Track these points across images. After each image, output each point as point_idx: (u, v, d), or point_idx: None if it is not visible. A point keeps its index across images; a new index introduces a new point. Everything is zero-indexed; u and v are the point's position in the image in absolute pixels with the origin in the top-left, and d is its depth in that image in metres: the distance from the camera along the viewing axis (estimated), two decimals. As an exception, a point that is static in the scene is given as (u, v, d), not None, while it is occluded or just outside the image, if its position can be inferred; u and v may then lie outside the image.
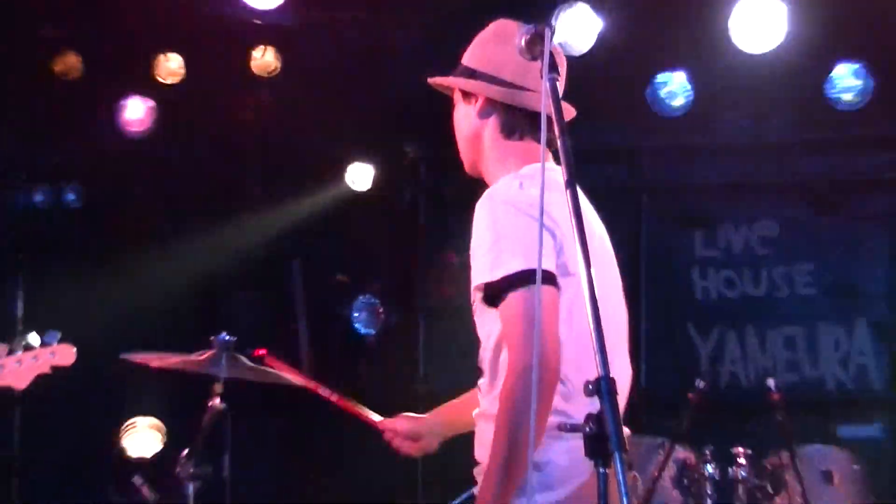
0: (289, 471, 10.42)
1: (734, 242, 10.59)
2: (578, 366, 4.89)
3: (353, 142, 10.44)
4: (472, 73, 5.31)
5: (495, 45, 5.32)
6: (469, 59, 5.38)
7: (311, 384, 6.78)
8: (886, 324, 10.33)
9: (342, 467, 10.32)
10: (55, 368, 7.53)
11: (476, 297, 5.01)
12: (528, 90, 5.17)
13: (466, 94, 5.32)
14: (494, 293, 4.75)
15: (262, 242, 10.68)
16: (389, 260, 10.86)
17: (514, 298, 4.77)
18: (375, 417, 6.01)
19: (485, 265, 4.83)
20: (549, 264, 4.64)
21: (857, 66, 9.26)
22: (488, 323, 5.01)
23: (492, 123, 5.25)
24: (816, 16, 8.79)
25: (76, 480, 10.67)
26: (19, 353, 7.35)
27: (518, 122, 5.22)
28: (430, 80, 5.47)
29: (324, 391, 6.57)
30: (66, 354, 7.47)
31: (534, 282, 4.64)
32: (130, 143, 10.22)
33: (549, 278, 4.66)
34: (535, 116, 5.08)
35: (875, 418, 10.31)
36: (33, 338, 7.63)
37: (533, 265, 4.56)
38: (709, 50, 9.09)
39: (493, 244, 4.86)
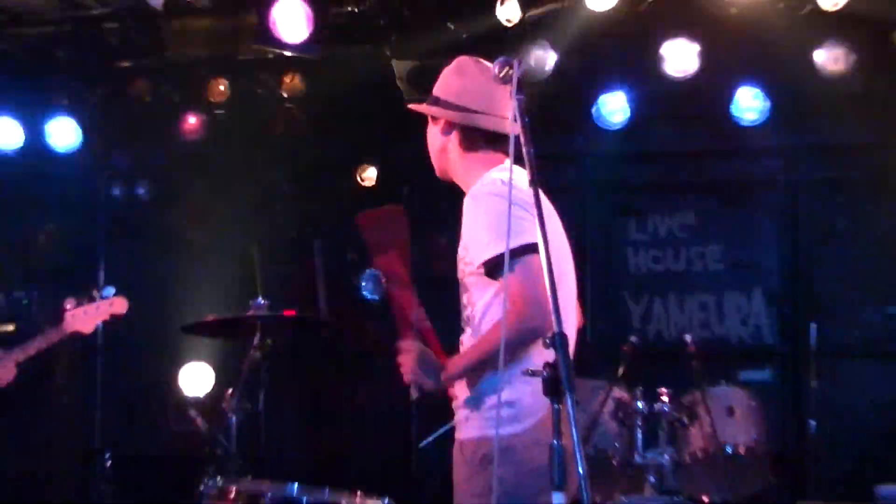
0: (312, 409, 10.45)
1: (660, 228, 10.61)
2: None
3: (362, 148, 10.44)
4: (437, 101, 5.35)
5: (455, 78, 5.47)
6: (436, 89, 5.48)
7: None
8: (776, 292, 10.39)
9: (358, 405, 10.40)
10: (113, 316, 7.64)
11: (469, 272, 5.13)
12: (484, 113, 5.23)
13: (434, 117, 5.40)
14: (495, 266, 4.87)
15: (291, 227, 10.70)
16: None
17: (515, 268, 4.91)
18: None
19: (484, 244, 4.97)
20: (534, 239, 4.69)
21: (756, 90, 9.28)
22: (480, 290, 5.14)
23: (454, 140, 5.38)
24: (725, 50, 8.82)
25: (146, 414, 10.69)
26: (84, 305, 7.44)
27: (474, 138, 5.31)
28: (409, 106, 5.58)
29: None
30: (120, 304, 7.62)
31: (532, 252, 4.87)
32: (187, 149, 10.23)
33: (536, 248, 4.69)
34: (492, 134, 5.18)
35: (766, 365, 10.38)
36: (94, 292, 7.71)
37: (528, 240, 4.85)
38: (643, 76, 9.08)
39: (490, 227, 4.93)
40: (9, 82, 10.10)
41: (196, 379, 10.44)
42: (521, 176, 4.67)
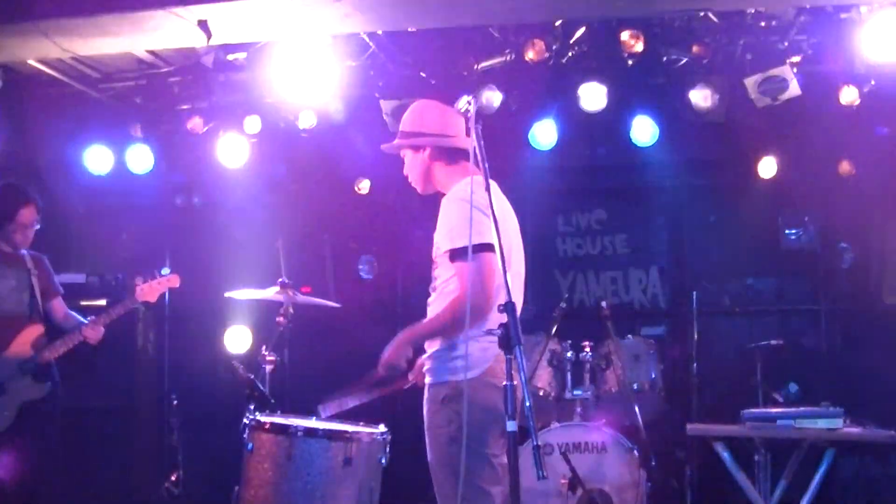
0: (324, 360, 10.37)
1: (581, 222, 10.59)
2: (497, 297, 4.95)
3: (359, 165, 10.38)
4: (415, 134, 5.33)
5: (424, 114, 5.54)
6: (407, 126, 5.57)
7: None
8: (667, 268, 10.45)
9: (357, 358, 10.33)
10: (170, 288, 7.63)
11: (440, 254, 5.15)
12: (451, 136, 5.23)
13: (417, 148, 5.40)
14: (453, 256, 4.79)
15: (307, 225, 10.65)
16: (380, 234, 10.82)
17: (464, 261, 5.01)
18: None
19: (448, 238, 5.03)
20: (491, 239, 4.70)
21: (649, 118, 9.24)
22: (445, 268, 5.16)
23: (438, 161, 5.38)
24: (624, 90, 8.79)
25: (199, 364, 10.62)
26: (149, 280, 7.41)
27: (454, 154, 5.27)
28: (384, 147, 5.60)
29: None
30: (175, 280, 7.67)
31: (485, 250, 4.98)
32: (230, 169, 10.15)
33: (491, 247, 4.75)
34: (459, 149, 5.15)
35: (661, 323, 10.38)
36: (156, 273, 7.68)
37: (482, 240, 4.94)
38: (566, 109, 9.05)
39: (455, 225, 5.01)
40: (101, 122, 10.00)
41: (238, 339, 10.40)
42: (481, 184, 4.72)
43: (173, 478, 9.33)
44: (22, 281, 7.78)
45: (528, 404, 4.29)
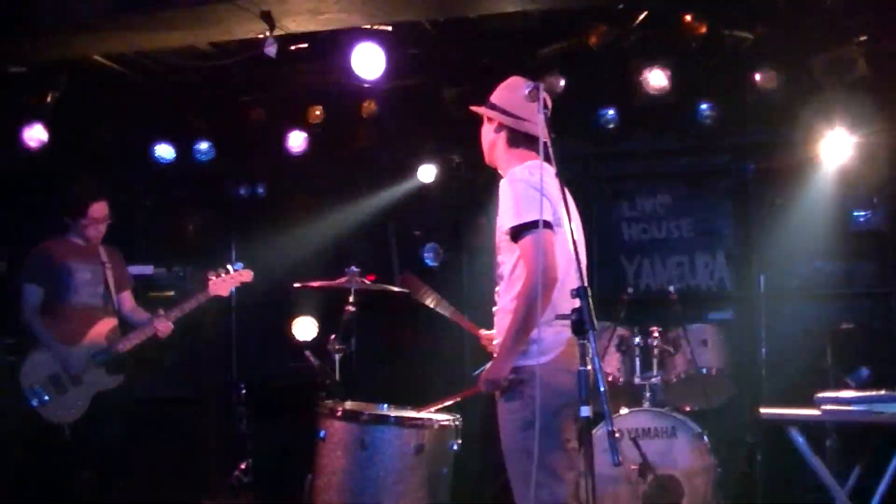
0: (390, 348, 10.42)
1: (646, 207, 10.49)
2: (567, 281, 4.97)
3: (422, 153, 10.38)
4: (493, 106, 5.35)
5: (508, 91, 5.44)
6: (493, 96, 5.58)
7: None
8: (733, 252, 10.27)
9: (424, 345, 10.37)
10: (242, 283, 7.69)
11: (502, 237, 5.11)
12: (524, 119, 5.26)
13: (489, 118, 5.36)
14: (516, 232, 4.85)
15: (371, 213, 10.66)
16: (445, 222, 10.82)
17: (528, 236, 5.00)
18: (478, 329, 6.03)
19: (510, 216, 4.96)
20: (548, 217, 4.73)
21: (711, 103, 9.22)
22: (509, 252, 5.15)
23: (502, 137, 5.39)
24: (688, 74, 8.74)
25: (268, 352, 10.70)
26: (222, 275, 7.47)
27: (518, 138, 5.39)
28: (471, 108, 5.62)
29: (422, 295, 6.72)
30: (247, 275, 7.72)
31: (539, 227, 4.94)
32: (293, 158, 10.21)
33: (548, 225, 4.76)
34: (528, 135, 5.19)
35: (728, 307, 10.26)
36: (229, 266, 7.74)
37: (538, 218, 4.89)
38: (630, 93, 9.04)
39: (514, 204, 4.98)
40: (166, 114, 10.11)
41: (304, 328, 10.44)
42: (548, 170, 4.75)
43: (243, 466, 9.41)
44: (97, 274, 7.91)
45: (602, 389, 4.28)
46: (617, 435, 4.26)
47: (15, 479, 8.78)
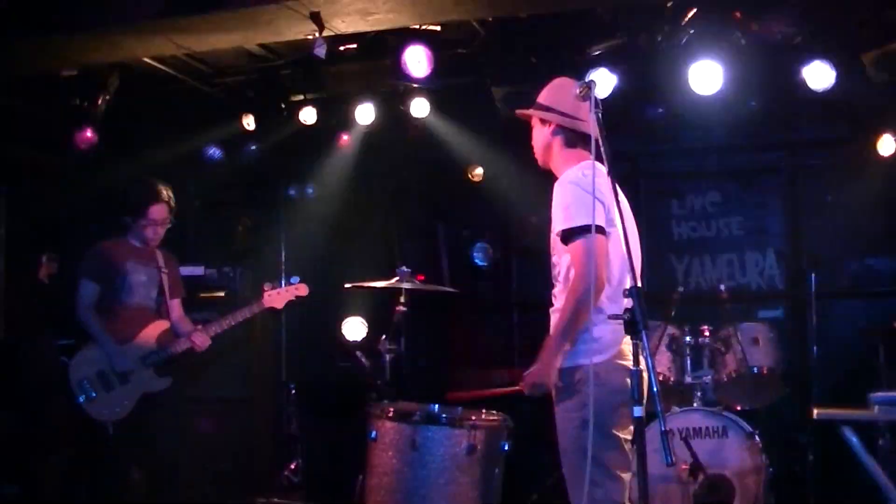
0: (440, 348, 10.43)
1: (695, 205, 10.48)
2: (619, 280, 4.97)
3: (470, 153, 10.38)
4: (546, 108, 5.35)
5: (558, 92, 5.42)
6: (542, 98, 5.57)
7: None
8: (783, 250, 10.26)
9: (473, 345, 10.37)
10: (297, 297, 7.69)
11: (555, 238, 5.12)
12: (579, 119, 5.25)
13: (543, 121, 5.39)
14: (567, 236, 4.85)
15: (420, 214, 10.69)
16: (495, 221, 10.83)
17: (578, 240, 5.01)
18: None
19: (562, 219, 4.96)
20: (600, 221, 4.74)
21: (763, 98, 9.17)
22: (562, 254, 5.11)
23: (559, 139, 5.33)
24: (739, 72, 8.67)
25: (318, 352, 10.74)
26: (278, 288, 7.50)
27: (574, 138, 5.34)
28: (518, 112, 5.62)
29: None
30: (302, 289, 7.66)
31: (590, 231, 4.80)
32: (342, 158, 10.24)
33: (600, 230, 4.76)
34: (584, 135, 5.18)
35: (779, 306, 10.23)
36: (284, 280, 7.77)
37: (590, 221, 4.77)
38: (677, 91, 8.97)
39: (565, 207, 4.97)
40: (214, 116, 10.17)
41: (354, 328, 10.47)
42: (601, 170, 4.76)
43: (292, 466, 9.45)
44: (152, 277, 7.98)
45: (654, 389, 4.28)
46: (670, 435, 4.23)
47: (65, 478, 8.87)
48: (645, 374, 4.42)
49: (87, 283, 7.80)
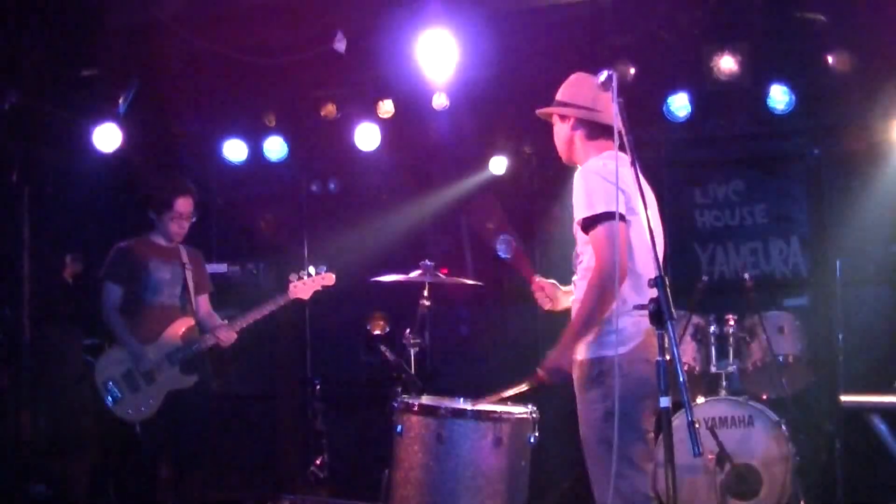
0: (464, 342, 10.44)
1: (718, 194, 10.41)
2: (643, 270, 4.97)
3: (493, 145, 10.38)
4: (563, 104, 5.37)
5: (576, 86, 5.46)
6: (561, 95, 5.60)
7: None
8: (808, 238, 10.17)
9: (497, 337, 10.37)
10: (324, 287, 7.69)
11: (576, 227, 5.09)
12: (598, 111, 5.26)
13: (563, 117, 5.42)
14: (588, 223, 4.85)
15: (443, 206, 10.68)
16: (518, 213, 10.80)
17: (599, 227, 5.04)
18: (534, 276, 6.13)
19: (583, 207, 4.98)
20: (620, 208, 4.74)
21: (784, 87, 9.12)
22: (583, 243, 5.16)
23: (580, 132, 5.33)
24: (758, 57, 8.66)
25: (342, 347, 10.76)
26: (304, 278, 7.50)
27: (595, 130, 5.35)
28: (538, 111, 5.62)
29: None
30: (329, 278, 7.67)
31: (611, 218, 4.92)
32: (364, 152, 10.23)
33: (620, 217, 4.75)
34: (605, 126, 5.18)
35: (804, 294, 10.16)
36: (311, 269, 7.73)
37: (611, 209, 4.87)
38: (700, 79, 8.96)
39: (586, 195, 5.04)
40: (236, 112, 10.20)
41: (378, 322, 10.48)
42: (624, 159, 4.75)
43: (318, 462, 9.47)
44: (176, 275, 8.00)
45: (681, 380, 4.27)
46: (697, 426, 4.22)
47: (93, 477, 8.92)
48: (671, 365, 4.41)
49: (110, 286, 7.85)
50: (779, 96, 9.23)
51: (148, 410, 7.70)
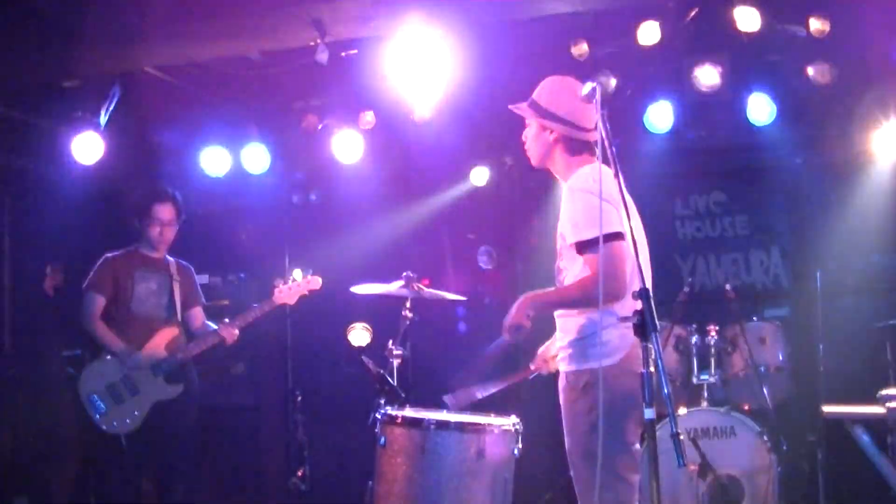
0: (450, 351, 10.41)
1: (699, 205, 10.48)
2: (629, 283, 4.96)
3: (474, 156, 10.39)
4: (545, 112, 5.31)
5: (558, 94, 5.47)
6: (541, 100, 5.45)
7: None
8: (788, 248, 10.26)
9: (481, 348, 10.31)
10: (310, 291, 7.72)
11: (563, 244, 5.09)
12: (582, 127, 5.23)
13: (543, 126, 5.40)
14: (582, 246, 4.81)
15: (425, 217, 10.66)
16: (498, 224, 10.81)
17: (596, 253, 4.93)
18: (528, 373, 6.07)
19: (577, 229, 4.97)
20: (618, 227, 4.71)
21: (765, 97, 9.14)
22: (572, 260, 5.15)
23: (560, 146, 5.29)
24: (739, 69, 8.69)
25: (322, 358, 10.73)
26: (289, 283, 7.51)
27: (576, 146, 5.28)
28: (511, 106, 5.59)
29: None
30: (316, 282, 7.66)
31: (614, 239, 4.97)
32: (345, 166, 10.22)
33: (621, 236, 4.74)
34: (586, 142, 5.15)
35: (785, 304, 10.21)
36: (297, 273, 7.73)
37: (611, 229, 4.91)
38: (680, 90, 8.99)
39: (582, 216, 5.04)
40: (216, 124, 10.18)
41: (359, 334, 10.43)
42: (607, 172, 4.73)
43: (300, 473, 9.44)
44: (163, 286, 8.01)
45: (665, 391, 4.27)
46: (681, 437, 4.20)
47: (74, 489, 8.88)
48: (655, 377, 4.40)
49: (92, 294, 7.84)
50: (759, 107, 9.24)
51: (133, 422, 7.68)
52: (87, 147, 9.27)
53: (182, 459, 8.04)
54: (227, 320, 8.01)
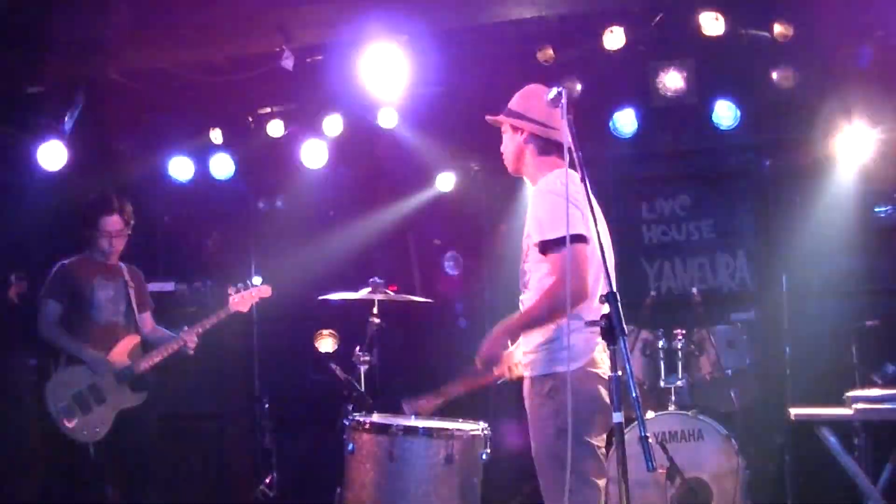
0: (418, 356, 10.40)
1: (665, 209, 10.49)
2: (594, 286, 4.96)
3: (440, 162, 10.38)
4: (517, 115, 5.33)
5: (529, 99, 5.48)
6: (515, 105, 5.52)
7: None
8: (754, 252, 10.26)
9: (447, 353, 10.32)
10: (262, 299, 7.69)
11: (530, 247, 5.16)
12: (552, 127, 5.23)
13: (515, 128, 5.40)
14: (546, 247, 4.80)
15: (391, 223, 10.64)
16: (465, 230, 10.81)
17: (561, 251, 4.97)
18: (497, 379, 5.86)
19: (542, 229, 5.00)
20: (582, 229, 4.71)
21: (729, 102, 9.18)
22: (537, 262, 5.16)
23: (532, 147, 5.29)
24: (704, 74, 8.70)
25: (291, 366, 10.68)
26: (242, 292, 7.50)
27: (547, 146, 5.29)
28: (489, 118, 5.60)
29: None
30: (266, 290, 7.70)
31: (578, 241, 4.98)
32: (312, 172, 10.20)
33: (584, 238, 4.73)
34: (557, 143, 5.15)
35: (751, 307, 10.19)
36: (256, 280, 7.75)
37: (575, 231, 4.89)
38: (645, 96, 9.01)
39: (547, 216, 5.04)
40: (181, 130, 10.12)
41: (326, 340, 10.40)
42: (574, 176, 4.72)
43: (268, 480, 9.42)
44: (119, 293, 7.95)
45: (634, 395, 4.26)
46: (651, 441, 4.20)
47: (39, 498, 8.80)
48: (623, 381, 4.40)
49: (49, 302, 7.77)
50: (724, 112, 9.30)
51: (102, 431, 7.62)
52: (52, 154, 9.22)
53: (146, 466, 7.98)
54: (186, 328, 7.97)
